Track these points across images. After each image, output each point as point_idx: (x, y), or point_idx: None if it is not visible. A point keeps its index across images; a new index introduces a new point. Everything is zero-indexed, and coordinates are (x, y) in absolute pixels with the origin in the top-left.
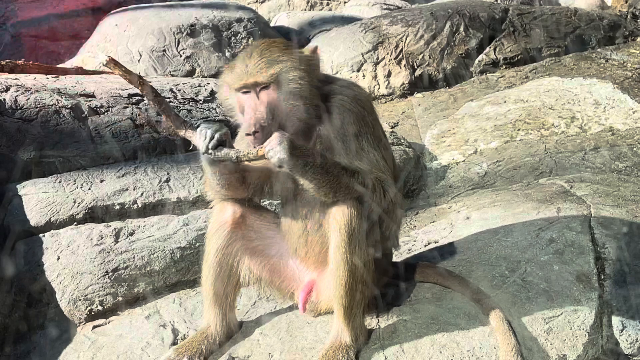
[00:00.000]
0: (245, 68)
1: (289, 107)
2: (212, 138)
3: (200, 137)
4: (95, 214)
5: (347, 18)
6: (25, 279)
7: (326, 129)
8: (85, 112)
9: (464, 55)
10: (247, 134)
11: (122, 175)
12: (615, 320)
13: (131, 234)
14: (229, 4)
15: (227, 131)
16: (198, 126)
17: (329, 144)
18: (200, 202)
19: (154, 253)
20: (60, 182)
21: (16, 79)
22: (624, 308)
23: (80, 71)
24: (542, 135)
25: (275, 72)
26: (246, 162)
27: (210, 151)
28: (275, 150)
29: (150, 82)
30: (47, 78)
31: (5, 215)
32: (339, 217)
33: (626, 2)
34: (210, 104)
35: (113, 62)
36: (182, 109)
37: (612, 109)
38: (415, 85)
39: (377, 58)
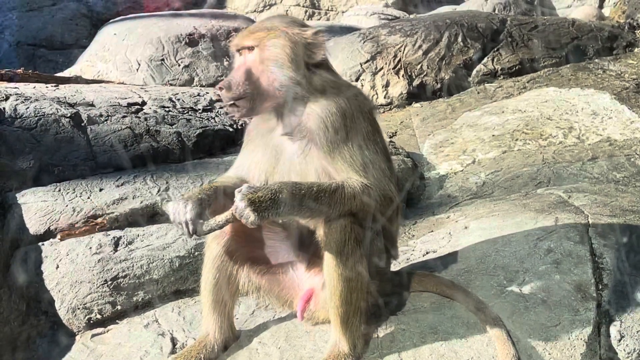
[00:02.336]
0: (243, 31)
1: (268, 76)
2: (186, 223)
3: (178, 228)
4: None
5: (346, 28)
6: (24, 287)
7: (312, 123)
8: (85, 121)
9: (462, 65)
10: (220, 89)
11: (121, 184)
12: (613, 330)
13: (130, 243)
14: (227, 13)
15: (202, 199)
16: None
17: (312, 137)
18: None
19: (153, 262)
20: (59, 190)
21: (16, 87)
22: (622, 318)
23: (79, 80)
24: (540, 146)
25: (261, 37)
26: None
27: (194, 236)
28: (244, 214)
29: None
30: (47, 87)
31: (4, 224)
32: (328, 228)
33: (624, 13)
34: (209, 112)
35: None
36: (181, 118)
37: (609, 120)
38: (414, 95)
39: (376, 68)
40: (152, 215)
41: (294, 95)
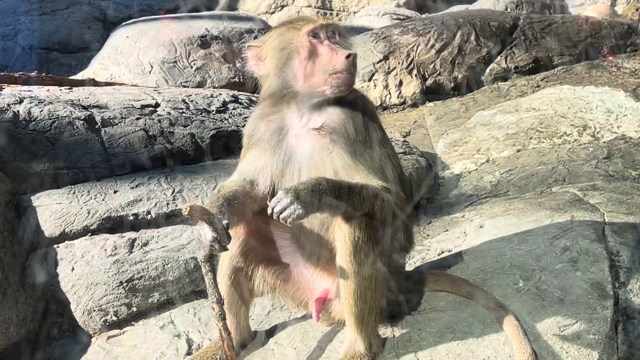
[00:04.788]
0: (320, 17)
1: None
2: (212, 242)
3: (207, 250)
4: (109, 225)
5: (358, 28)
6: (40, 289)
7: (336, 121)
8: (99, 123)
9: (475, 64)
10: (347, 57)
11: (136, 186)
12: (631, 328)
13: (145, 245)
14: (239, 15)
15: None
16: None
17: (334, 136)
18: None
19: (168, 263)
20: (74, 193)
21: (29, 90)
22: (639, 315)
23: (93, 83)
24: (555, 144)
25: (345, 28)
26: None
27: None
28: (291, 210)
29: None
30: (61, 90)
31: (20, 227)
32: (343, 226)
33: (637, 10)
34: (222, 114)
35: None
36: (195, 120)
37: (624, 117)
38: (427, 94)
39: (388, 68)
40: (167, 217)
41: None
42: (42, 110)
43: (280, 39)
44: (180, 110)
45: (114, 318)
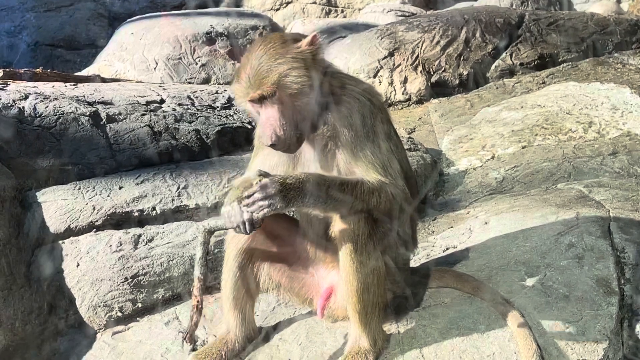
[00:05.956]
0: (248, 81)
1: (300, 106)
2: (244, 224)
3: (235, 230)
4: (114, 221)
5: (363, 25)
6: (45, 285)
7: (337, 121)
8: (104, 120)
9: (480, 61)
10: (269, 145)
11: (141, 182)
12: (636, 325)
13: (150, 241)
14: (244, 11)
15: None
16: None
17: (336, 134)
18: (218, 208)
19: (173, 259)
20: (79, 189)
21: (35, 87)
22: None
23: (98, 79)
24: (560, 140)
25: (276, 80)
26: None
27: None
28: (274, 201)
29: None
30: (66, 86)
31: (25, 223)
32: (344, 222)
33: None
34: (227, 110)
35: None
36: (200, 116)
37: (629, 114)
38: (432, 91)
39: (393, 64)
40: (172, 213)
41: (323, 104)
42: (48, 107)
43: (234, 94)
44: (186, 107)
45: (119, 314)
